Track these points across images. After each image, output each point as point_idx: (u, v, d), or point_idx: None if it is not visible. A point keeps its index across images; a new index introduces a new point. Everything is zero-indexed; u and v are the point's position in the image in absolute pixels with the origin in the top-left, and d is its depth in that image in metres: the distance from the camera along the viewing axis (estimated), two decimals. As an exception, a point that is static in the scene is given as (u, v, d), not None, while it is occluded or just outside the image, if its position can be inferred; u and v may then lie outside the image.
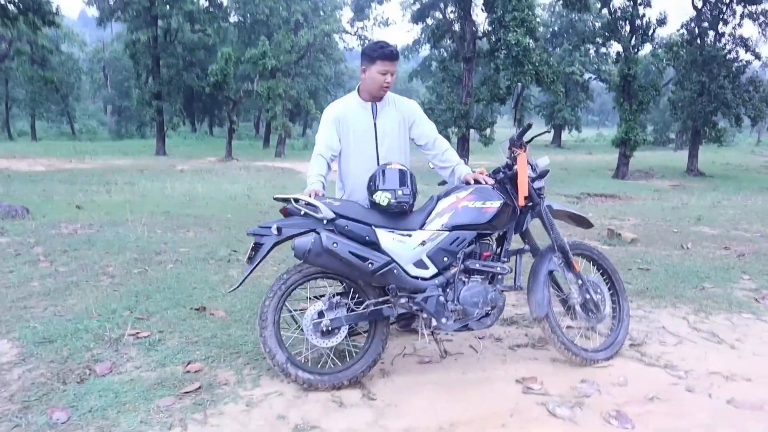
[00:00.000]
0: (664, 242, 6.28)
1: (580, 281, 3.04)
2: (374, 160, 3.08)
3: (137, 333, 3.36)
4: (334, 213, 2.73)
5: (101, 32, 31.86)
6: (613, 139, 23.96)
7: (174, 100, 29.52)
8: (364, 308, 2.77)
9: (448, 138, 23.91)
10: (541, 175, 3.02)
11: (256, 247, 2.71)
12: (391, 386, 2.81)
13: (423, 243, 2.78)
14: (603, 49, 32.94)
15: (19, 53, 26.06)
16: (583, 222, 3.28)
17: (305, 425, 2.42)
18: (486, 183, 2.96)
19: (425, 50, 40.38)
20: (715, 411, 2.56)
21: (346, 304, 2.78)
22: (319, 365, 2.87)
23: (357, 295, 2.84)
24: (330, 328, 2.72)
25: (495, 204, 2.86)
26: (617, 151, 23.54)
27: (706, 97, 22.62)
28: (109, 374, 2.86)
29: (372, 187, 2.81)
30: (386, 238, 2.75)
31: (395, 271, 2.69)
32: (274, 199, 2.88)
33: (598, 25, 27.13)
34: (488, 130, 23.15)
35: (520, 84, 2.98)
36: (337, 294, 2.85)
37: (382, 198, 2.75)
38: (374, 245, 2.73)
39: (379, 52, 2.95)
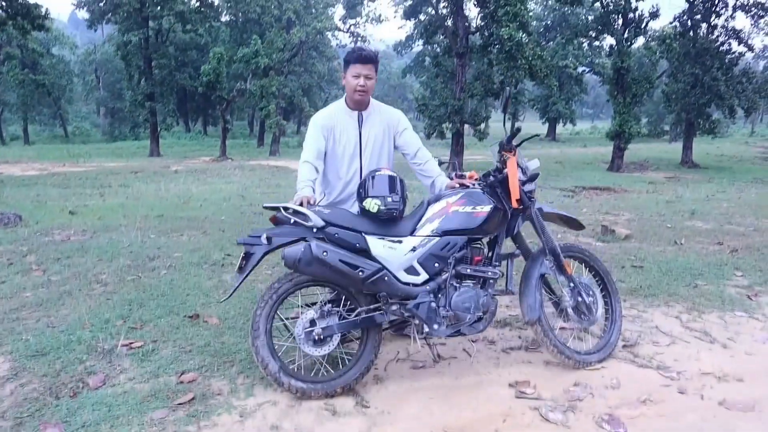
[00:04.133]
0: (658, 238, 6.29)
1: (571, 284, 3.04)
2: (357, 168, 3.13)
3: (131, 343, 3.35)
4: (324, 221, 2.72)
5: (92, 34, 31.72)
6: (608, 132, 23.95)
7: (167, 101, 29.40)
8: (355, 316, 2.77)
9: (442, 133, 23.95)
10: (532, 178, 3.02)
11: (247, 256, 2.70)
12: (384, 393, 2.81)
13: (413, 249, 2.78)
14: (596, 43, 32.89)
15: (10, 57, 25.88)
16: (574, 224, 3.28)
17: (299, 435, 2.42)
18: (473, 186, 2.96)
19: (419, 46, 40.30)
20: (707, 412, 2.57)
21: (338, 312, 2.77)
22: (312, 373, 2.87)
23: (349, 303, 2.83)
24: (322, 337, 2.71)
25: (485, 208, 2.86)
26: (612, 143, 23.53)
27: (700, 89, 22.62)
28: (102, 387, 2.85)
29: (362, 194, 2.82)
30: (377, 245, 2.75)
31: (386, 278, 2.69)
32: (264, 207, 2.88)
33: (590, 18, 27.10)
34: (482, 125, 23.14)
35: (507, 88, 2.98)
36: (329, 302, 2.84)
37: (372, 205, 2.75)
38: (365, 252, 2.74)
39: (351, 56, 3.03)
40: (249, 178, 17.83)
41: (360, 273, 2.63)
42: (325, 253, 2.59)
